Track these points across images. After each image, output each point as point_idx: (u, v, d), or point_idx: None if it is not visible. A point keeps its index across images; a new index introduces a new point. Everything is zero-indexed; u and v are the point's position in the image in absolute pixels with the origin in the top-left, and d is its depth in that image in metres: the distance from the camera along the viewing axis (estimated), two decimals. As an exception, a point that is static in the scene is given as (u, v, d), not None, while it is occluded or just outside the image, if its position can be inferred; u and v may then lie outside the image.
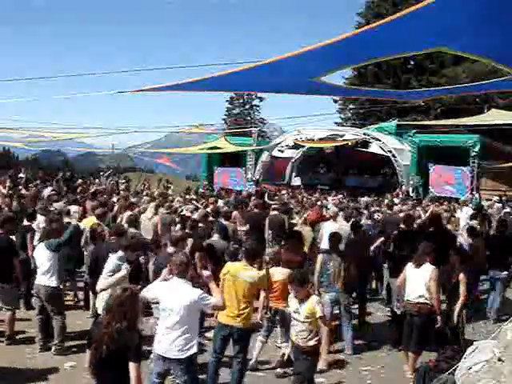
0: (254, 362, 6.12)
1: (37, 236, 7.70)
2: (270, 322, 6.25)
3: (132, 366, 3.47)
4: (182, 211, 10.55)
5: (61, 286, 6.74)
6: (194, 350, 4.47)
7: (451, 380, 4.46)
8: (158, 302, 4.66)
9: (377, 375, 6.19)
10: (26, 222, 8.30)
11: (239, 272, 5.28)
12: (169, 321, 4.42)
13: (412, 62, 34.74)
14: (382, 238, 8.77)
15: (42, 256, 6.45)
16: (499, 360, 4.03)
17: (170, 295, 4.46)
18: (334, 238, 7.10)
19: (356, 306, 7.94)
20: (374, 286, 9.79)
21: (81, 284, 8.43)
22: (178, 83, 5.63)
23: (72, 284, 8.39)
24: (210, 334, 6.59)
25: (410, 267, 6.17)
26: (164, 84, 5.66)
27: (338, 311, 7.06)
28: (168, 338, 4.40)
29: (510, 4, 3.21)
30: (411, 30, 3.87)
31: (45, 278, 6.38)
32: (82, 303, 8.21)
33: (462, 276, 6.14)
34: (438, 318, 5.93)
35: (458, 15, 3.50)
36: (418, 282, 6.01)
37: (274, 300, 6.10)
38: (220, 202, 12.96)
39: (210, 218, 9.21)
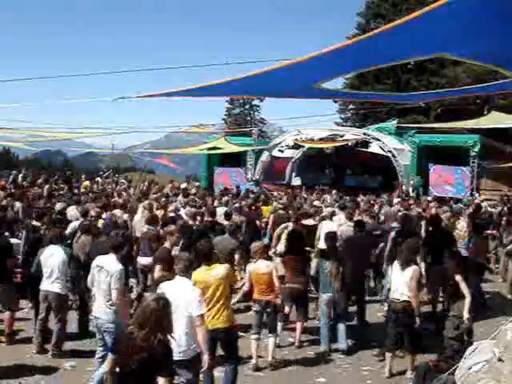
0: (255, 361, 6.13)
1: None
2: (258, 315, 6.25)
3: (163, 381, 3.31)
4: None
5: (68, 292, 6.66)
6: (196, 350, 4.44)
7: (451, 380, 4.46)
8: None
9: (377, 375, 6.19)
10: (34, 222, 8.25)
11: (206, 275, 5.14)
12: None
13: (412, 63, 34.69)
14: (382, 244, 8.75)
15: (57, 261, 6.30)
16: (499, 360, 4.04)
17: (173, 294, 4.43)
18: (331, 237, 7.14)
19: (355, 306, 7.94)
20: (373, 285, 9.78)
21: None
22: (178, 90, 5.67)
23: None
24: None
25: (395, 266, 6.19)
26: (164, 90, 5.70)
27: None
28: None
29: (508, 9, 3.22)
30: (411, 37, 3.87)
31: (55, 285, 6.28)
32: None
33: (458, 277, 6.14)
34: (417, 318, 5.93)
35: (458, 22, 3.50)
36: (401, 280, 6.03)
37: (263, 293, 6.14)
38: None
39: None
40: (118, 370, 3.48)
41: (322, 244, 8.24)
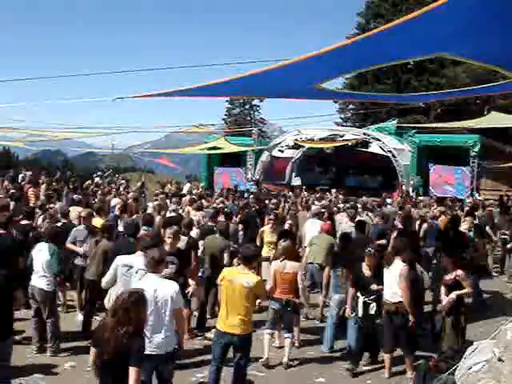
0: (267, 356, 6.20)
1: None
2: (275, 313, 6.35)
3: (132, 369, 3.45)
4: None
5: (55, 289, 6.63)
6: (176, 340, 4.55)
7: (451, 380, 4.47)
8: None
9: (377, 375, 6.19)
10: (23, 222, 8.25)
11: (235, 277, 5.13)
12: (152, 317, 4.38)
13: (412, 63, 34.68)
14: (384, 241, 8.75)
15: (42, 258, 6.36)
16: (499, 360, 4.04)
17: (150, 292, 4.40)
18: (343, 238, 7.18)
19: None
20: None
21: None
22: (177, 90, 5.66)
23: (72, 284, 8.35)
24: (210, 335, 6.59)
25: (385, 267, 6.20)
26: (163, 90, 5.68)
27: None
28: (153, 335, 4.38)
29: (508, 10, 3.21)
30: (411, 37, 3.87)
31: (41, 281, 6.32)
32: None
33: (460, 272, 6.11)
34: (410, 317, 5.92)
35: (457, 22, 3.50)
36: (391, 281, 6.03)
37: (285, 292, 6.22)
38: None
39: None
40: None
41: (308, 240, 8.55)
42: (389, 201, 15.89)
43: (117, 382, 3.53)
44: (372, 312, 6.14)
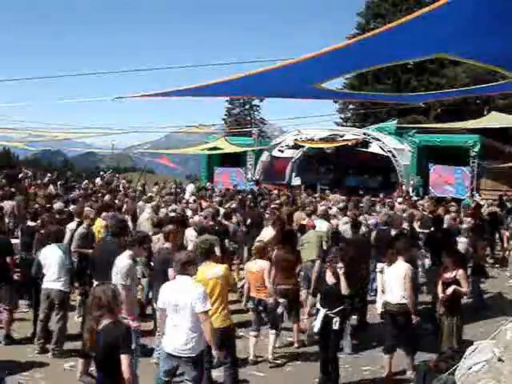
0: (252, 357, 6.23)
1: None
2: (255, 312, 6.39)
3: (123, 356, 3.47)
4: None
5: (71, 289, 6.73)
6: (202, 347, 4.49)
7: (451, 380, 4.47)
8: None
9: (377, 375, 6.19)
10: (30, 223, 8.26)
11: (204, 273, 5.17)
12: (176, 318, 4.41)
13: (412, 63, 34.63)
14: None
15: (55, 259, 6.33)
16: (499, 360, 4.04)
17: (175, 293, 4.45)
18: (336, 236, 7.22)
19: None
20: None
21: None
22: (177, 89, 5.66)
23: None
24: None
25: (385, 267, 6.18)
26: (163, 90, 5.69)
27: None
28: (176, 336, 4.40)
29: (508, 10, 3.22)
30: (411, 37, 3.87)
31: (57, 283, 6.31)
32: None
33: (460, 271, 6.11)
34: (413, 316, 5.91)
35: (457, 22, 3.50)
36: (393, 281, 6.01)
37: (259, 290, 6.26)
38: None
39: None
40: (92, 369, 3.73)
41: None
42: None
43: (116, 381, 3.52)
44: (335, 327, 5.61)
